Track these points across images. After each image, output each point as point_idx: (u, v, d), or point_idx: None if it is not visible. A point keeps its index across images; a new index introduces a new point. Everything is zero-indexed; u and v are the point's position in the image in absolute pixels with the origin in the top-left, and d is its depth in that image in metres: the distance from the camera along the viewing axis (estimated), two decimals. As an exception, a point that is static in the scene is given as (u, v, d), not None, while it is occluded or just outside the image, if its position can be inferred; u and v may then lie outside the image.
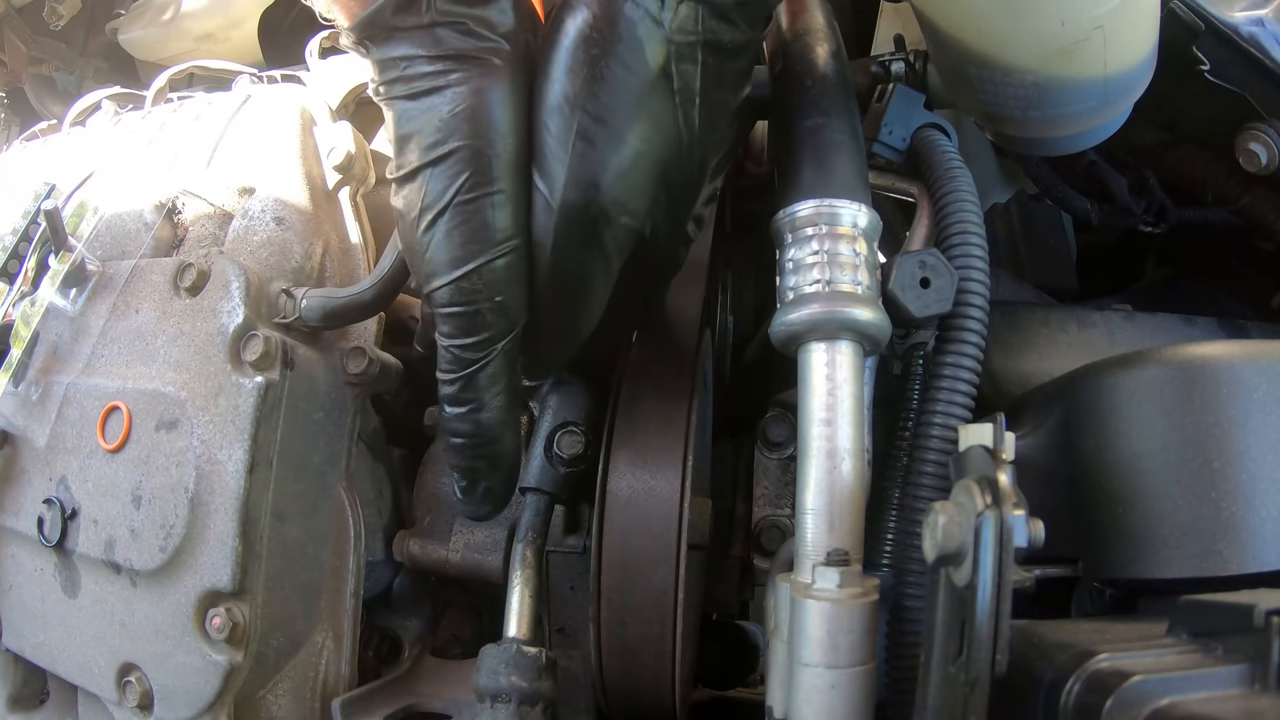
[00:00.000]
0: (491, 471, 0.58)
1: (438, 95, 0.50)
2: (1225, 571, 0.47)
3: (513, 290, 0.52)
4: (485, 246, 0.50)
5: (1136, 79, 0.67)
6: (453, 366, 0.53)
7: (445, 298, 0.51)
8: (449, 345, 0.52)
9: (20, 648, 0.76)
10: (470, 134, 0.50)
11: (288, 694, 0.69)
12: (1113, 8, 0.57)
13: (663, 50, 0.50)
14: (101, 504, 0.68)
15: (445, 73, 0.50)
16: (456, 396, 0.54)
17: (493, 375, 0.53)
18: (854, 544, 0.52)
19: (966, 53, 0.63)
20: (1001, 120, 0.70)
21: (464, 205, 0.50)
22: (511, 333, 0.53)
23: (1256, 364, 0.49)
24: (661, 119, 0.52)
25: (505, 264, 0.51)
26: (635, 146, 0.51)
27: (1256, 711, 0.35)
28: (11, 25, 1.52)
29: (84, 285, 0.76)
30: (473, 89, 0.50)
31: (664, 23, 0.50)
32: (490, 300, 0.51)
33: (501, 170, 0.50)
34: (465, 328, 0.52)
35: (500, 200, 0.50)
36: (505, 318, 0.52)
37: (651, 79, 0.51)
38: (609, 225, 0.52)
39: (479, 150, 0.50)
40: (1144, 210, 1.01)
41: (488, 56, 0.50)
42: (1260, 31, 0.72)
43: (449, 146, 0.50)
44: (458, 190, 0.50)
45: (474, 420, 0.55)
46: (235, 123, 0.83)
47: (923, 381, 0.60)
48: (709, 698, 1.00)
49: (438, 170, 0.50)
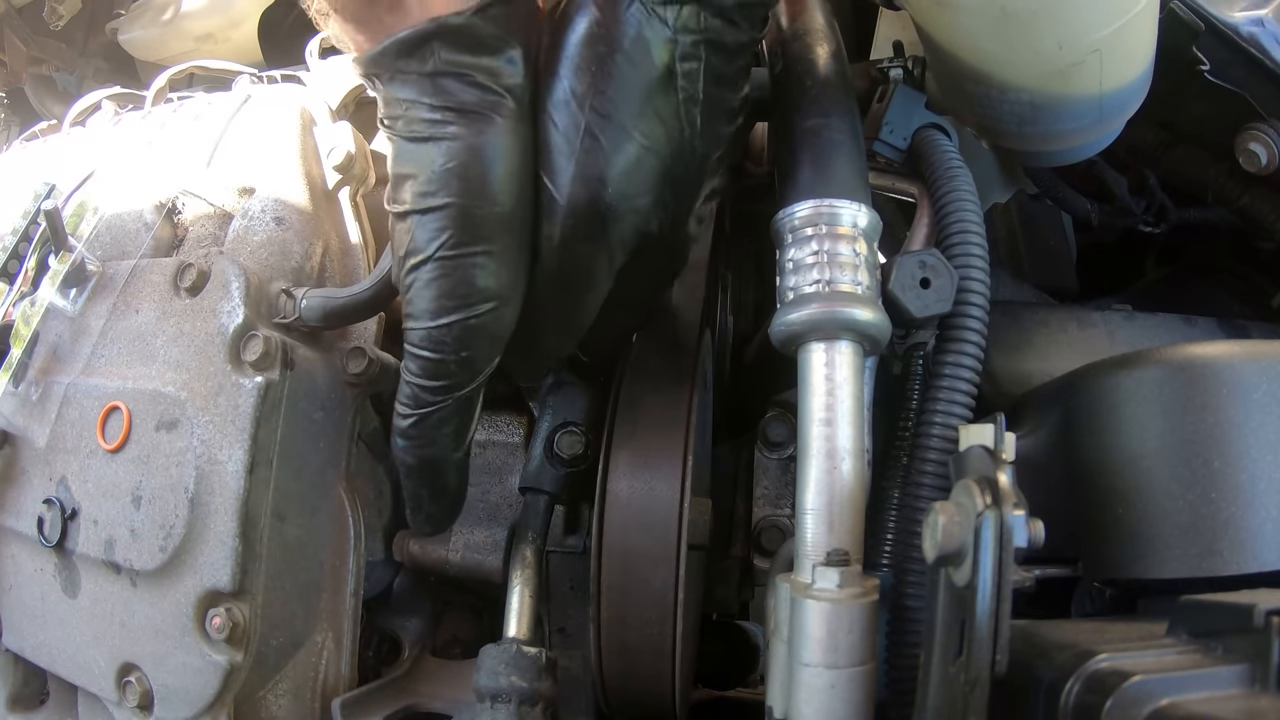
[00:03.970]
0: (434, 501, 0.61)
1: (433, 145, 0.50)
2: (1225, 571, 0.47)
3: (481, 348, 0.53)
4: (461, 304, 0.51)
5: (1131, 97, 0.68)
6: (410, 403, 0.55)
7: (416, 340, 0.53)
8: (411, 382, 0.54)
9: (20, 648, 0.75)
10: (460, 191, 0.50)
11: (288, 694, 0.68)
12: (1110, 32, 0.58)
13: (667, 49, 0.51)
14: (101, 504, 0.68)
15: (443, 124, 0.50)
16: (407, 431, 0.55)
17: (445, 418, 0.55)
18: (854, 544, 0.52)
19: (964, 69, 0.64)
20: (997, 134, 0.70)
21: (445, 261, 0.50)
22: (470, 384, 0.54)
23: (1256, 364, 0.49)
24: (666, 116, 0.52)
25: (479, 324, 0.52)
26: (640, 143, 0.51)
27: (1256, 711, 0.35)
28: (11, 25, 1.53)
29: (84, 285, 0.76)
30: (467, 145, 0.50)
31: (668, 22, 0.50)
32: (457, 355, 0.52)
33: (489, 230, 0.50)
34: (430, 372, 0.53)
35: (483, 261, 0.51)
36: (469, 371, 0.53)
37: (657, 77, 0.51)
38: (616, 222, 0.52)
39: (466, 209, 0.50)
40: (1144, 210, 1.01)
41: (488, 112, 0.50)
42: (1260, 31, 0.72)
43: (438, 201, 0.50)
44: (441, 245, 0.50)
45: (420, 455, 0.56)
46: (235, 123, 0.83)
47: (923, 381, 0.60)
48: (709, 698, 1.00)
49: (425, 220, 0.50)
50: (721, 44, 0.52)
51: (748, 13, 0.52)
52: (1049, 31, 0.58)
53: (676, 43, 0.51)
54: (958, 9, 0.59)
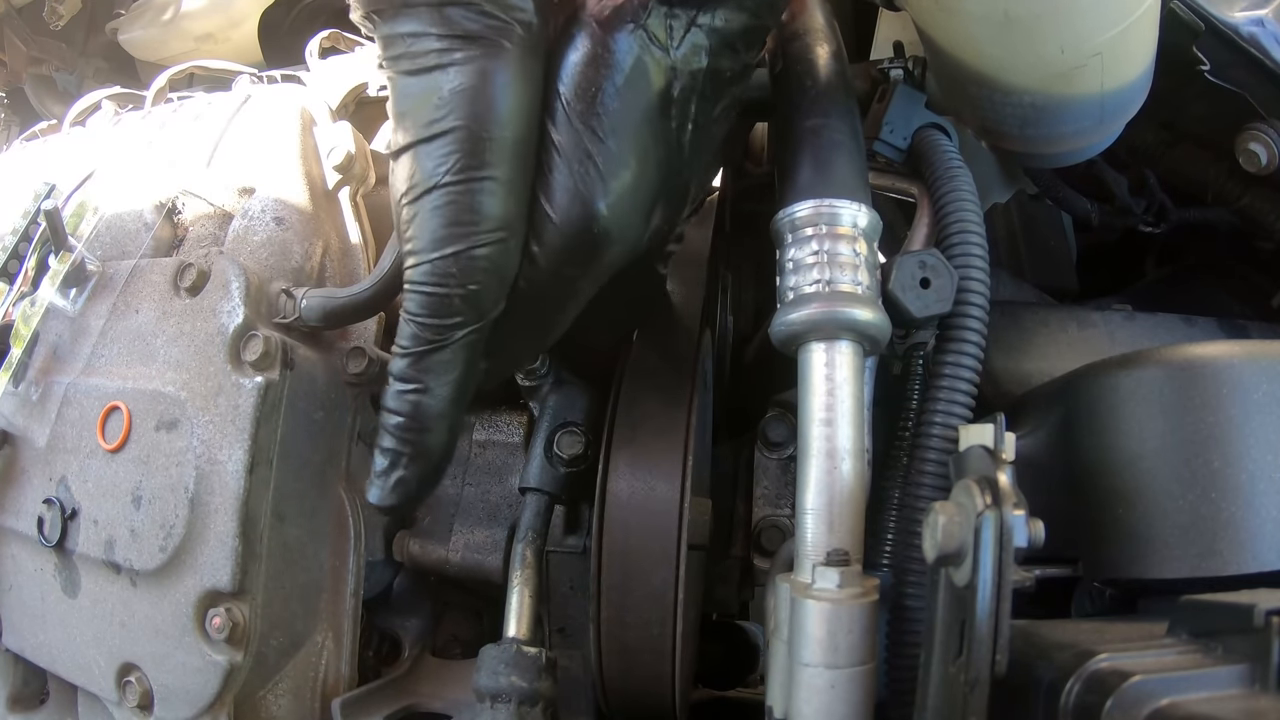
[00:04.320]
0: (411, 463, 0.54)
1: (440, 73, 0.49)
2: (1225, 571, 0.47)
3: (489, 282, 0.50)
4: (468, 231, 0.49)
5: (1132, 98, 0.68)
6: (409, 343, 0.51)
7: (419, 275, 0.50)
8: (411, 320, 0.51)
9: (20, 648, 0.75)
10: (468, 115, 0.48)
11: (288, 694, 0.68)
12: (1112, 35, 0.58)
13: (665, 76, 0.51)
14: (101, 504, 0.68)
15: (450, 50, 0.48)
16: (404, 372, 0.52)
17: (446, 362, 0.51)
18: (854, 544, 0.52)
19: (965, 72, 0.64)
20: (999, 135, 0.70)
21: (452, 186, 0.49)
22: (477, 324, 0.51)
23: (1256, 364, 0.48)
24: (661, 142, 0.52)
25: (486, 254, 0.49)
26: (635, 169, 0.51)
27: (1256, 711, 0.35)
28: (11, 25, 1.53)
29: (84, 285, 0.76)
30: (476, 69, 0.48)
31: (669, 50, 0.50)
32: (463, 287, 0.50)
33: (497, 156, 0.49)
34: (432, 308, 0.50)
35: (491, 187, 0.49)
36: (475, 308, 0.51)
37: (654, 104, 0.51)
38: (608, 246, 0.52)
39: (474, 132, 0.49)
40: (1144, 210, 1.01)
41: (497, 38, 0.49)
42: (1260, 31, 0.72)
43: (444, 125, 0.48)
44: (448, 170, 0.48)
45: (413, 402, 0.52)
46: (235, 123, 0.83)
47: (923, 381, 0.60)
48: (709, 698, 1.00)
49: (430, 148, 0.49)
50: (719, 72, 0.52)
51: (748, 38, 0.52)
52: (1051, 35, 0.58)
53: (675, 71, 0.51)
54: (960, 13, 0.59)
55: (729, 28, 0.51)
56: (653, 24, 0.50)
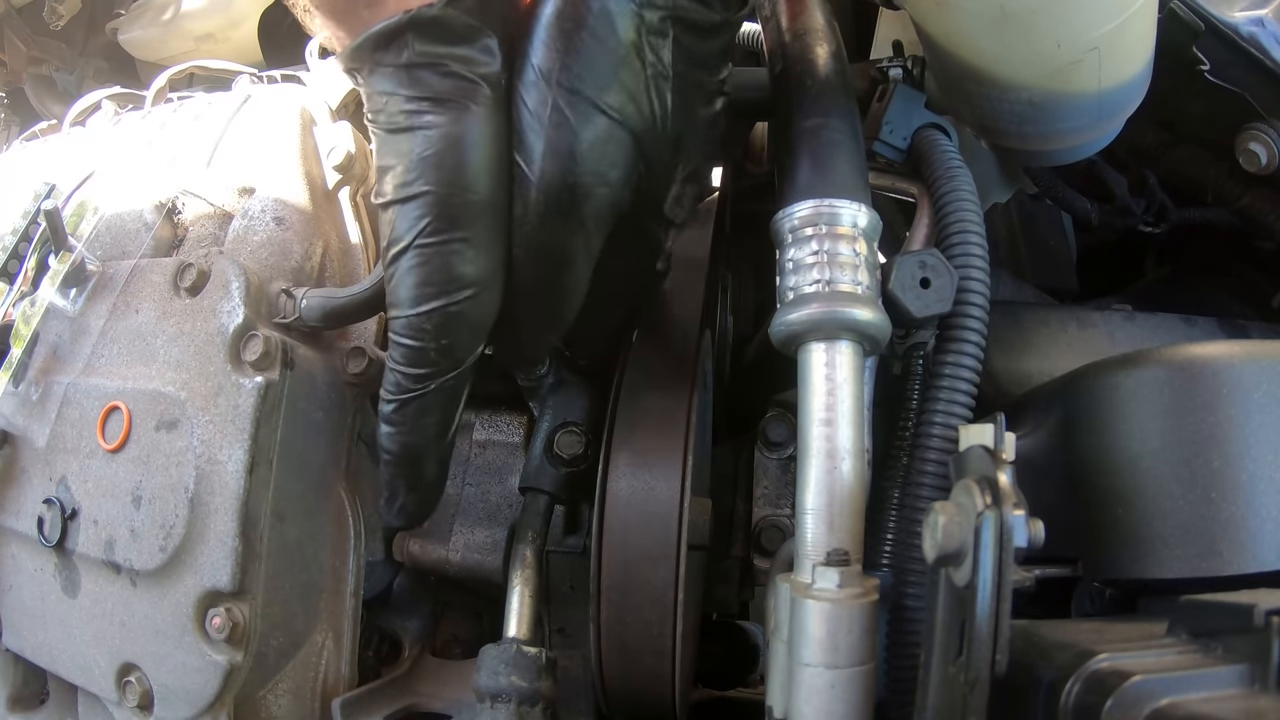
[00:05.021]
0: (410, 492, 0.60)
1: (410, 135, 0.50)
2: (1225, 571, 0.47)
3: (461, 336, 0.53)
4: (440, 291, 0.51)
5: (1130, 95, 0.68)
6: (393, 390, 0.55)
7: (398, 328, 0.53)
8: (394, 369, 0.55)
9: (20, 648, 0.75)
10: (437, 180, 0.50)
11: (288, 694, 0.69)
12: (1109, 30, 0.58)
13: (633, 23, 0.51)
14: (101, 504, 0.68)
15: (420, 113, 0.50)
16: (390, 417, 0.56)
17: (427, 406, 0.55)
18: (854, 544, 0.52)
19: (963, 68, 0.64)
20: (997, 133, 0.70)
21: (424, 248, 0.51)
22: (452, 372, 0.54)
23: (1256, 364, 0.48)
24: (634, 91, 0.52)
25: (459, 311, 0.52)
26: (609, 117, 0.52)
27: (1256, 711, 0.35)
28: (11, 25, 1.53)
29: (84, 285, 0.76)
30: (443, 134, 0.50)
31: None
32: (437, 341, 0.53)
33: (467, 217, 0.51)
34: (412, 359, 0.54)
35: (460, 248, 0.51)
36: (450, 358, 0.54)
37: (623, 52, 0.51)
38: (587, 197, 0.53)
39: (443, 197, 0.50)
40: (1144, 210, 1.01)
41: (464, 100, 0.50)
42: (1260, 31, 0.72)
43: (416, 189, 0.50)
44: (420, 233, 0.51)
45: (400, 442, 0.57)
46: (235, 123, 0.83)
47: (923, 381, 0.60)
48: (709, 698, 1.00)
49: (405, 209, 0.51)
50: (691, 22, 0.53)
51: None
52: (1048, 30, 0.58)
53: (642, 18, 0.51)
54: (957, 9, 0.59)
55: None
56: None
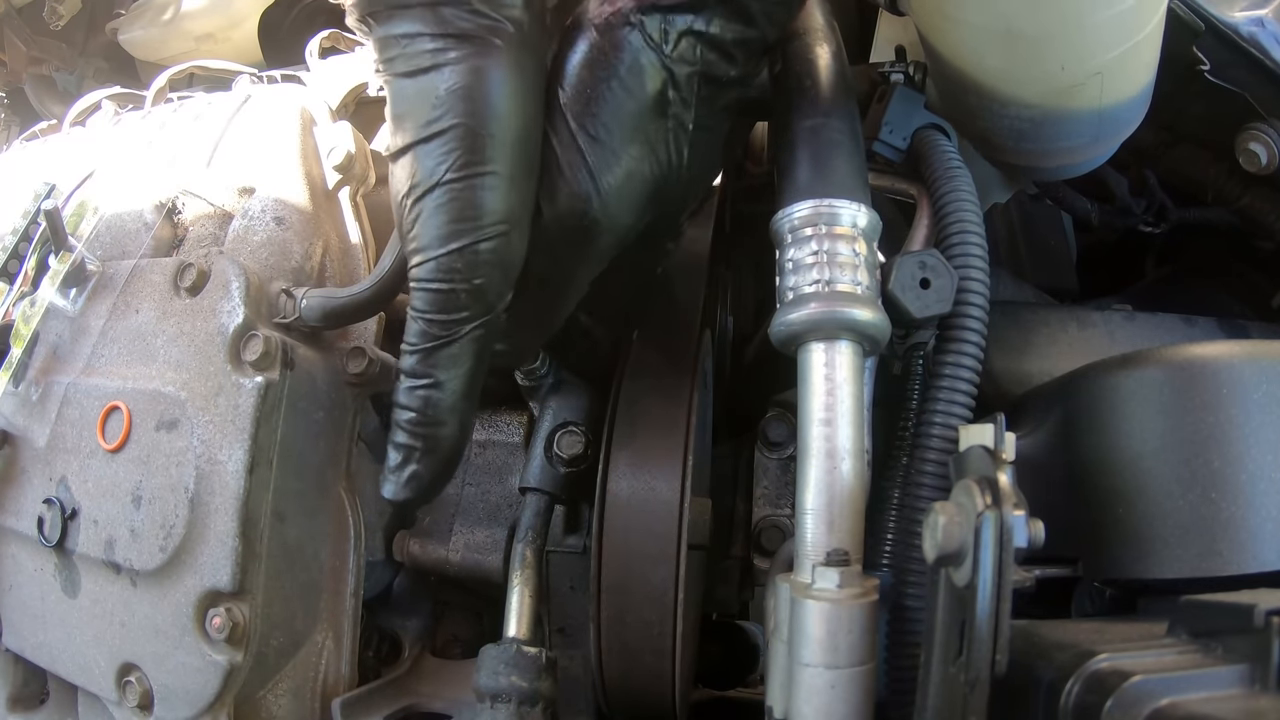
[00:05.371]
0: (425, 456, 0.55)
1: (435, 73, 0.49)
2: (1225, 571, 0.47)
3: (494, 276, 0.51)
4: (472, 227, 0.50)
5: (1130, 117, 0.68)
6: (417, 340, 0.52)
7: (425, 273, 0.51)
8: (418, 317, 0.52)
9: (20, 648, 0.75)
10: (465, 112, 0.49)
11: (288, 694, 0.69)
12: (1114, 55, 0.58)
13: (660, 78, 0.53)
14: (101, 504, 0.68)
15: (444, 50, 0.49)
16: (414, 369, 0.52)
17: (455, 356, 0.52)
18: (854, 544, 0.52)
19: (965, 82, 0.64)
20: (994, 147, 0.70)
21: (453, 183, 0.49)
22: (484, 318, 0.52)
23: (1256, 364, 0.49)
24: (655, 143, 0.54)
25: (490, 248, 0.50)
26: (628, 166, 0.53)
27: (1256, 711, 0.35)
28: (11, 25, 1.53)
29: (84, 285, 0.76)
30: (471, 67, 0.49)
31: (665, 52, 0.53)
32: (469, 282, 0.50)
33: (496, 151, 0.50)
34: (439, 305, 0.51)
35: (492, 181, 0.50)
36: (481, 302, 0.51)
37: (648, 105, 0.53)
38: (599, 236, 0.54)
39: (472, 129, 0.49)
40: (1144, 210, 1.01)
41: (489, 36, 0.50)
42: (1260, 31, 0.72)
43: (442, 124, 0.49)
44: (449, 168, 0.49)
45: (424, 397, 0.53)
46: (235, 123, 0.83)
47: (923, 381, 0.60)
48: (709, 698, 1.00)
49: (430, 147, 0.50)
50: (715, 77, 0.54)
51: (744, 47, 0.55)
52: (1053, 52, 0.58)
53: (671, 74, 0.53)
54: (963, 23, 0.59)
55: (723, 35, 0.53)
56: (649, 27, 0.52)
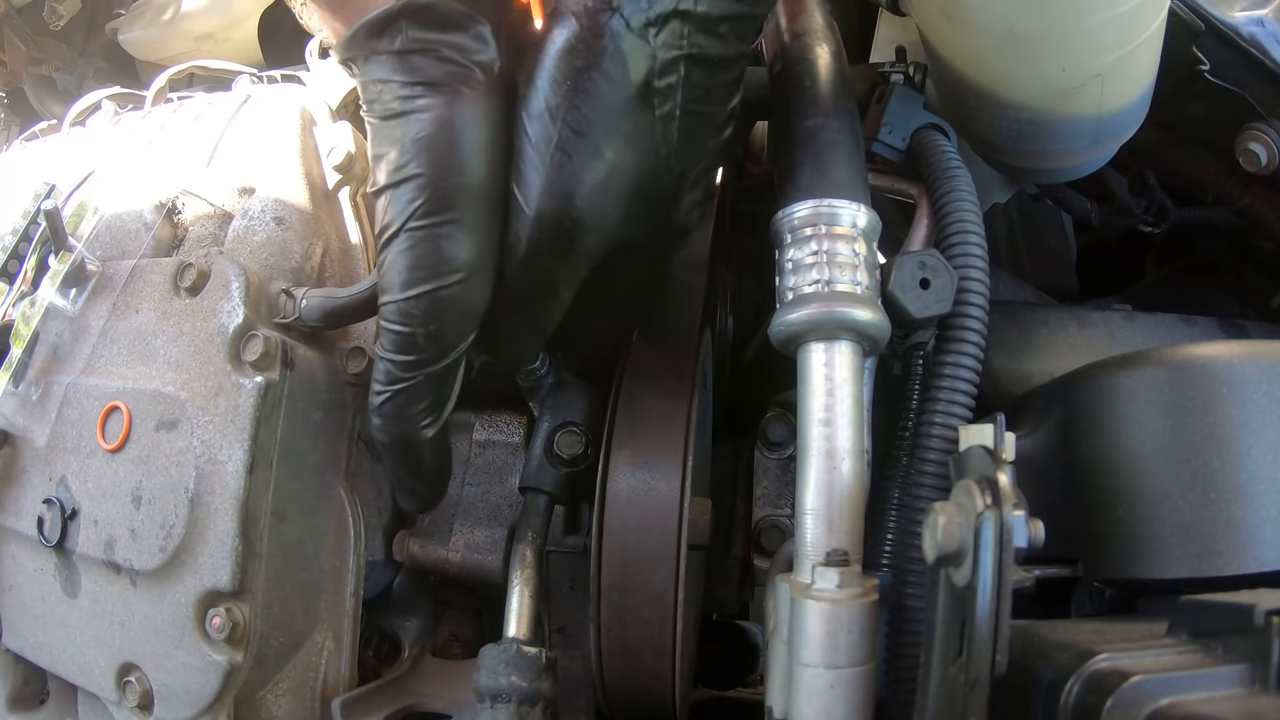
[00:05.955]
0: (413, 478, 0.61)
1: (405, 120, 0.50)
2: (1225, 571, 0.47)
3: (450, 322, 0.53)
4: (430, 275, 0.51)
5: (1128, 121, 0.68)
6: (383, 379, 0.55)
7: (388, 314, 0.53)
8: (384, 357, 0.54)
9: (20, 648, 0.75)
10: (429, 163, 0.50)
11: (288, 694, 0.69)
12: (1115, 59, 0.58)
13: (645, 65, 0.51)
14: (101, 504, 0.68)
15: (413, 98, 0.50)
16: (380, 408, 0.55)
17: (417, 395, 0.55)
18: (853, 544, 0.52)
19: (965, 83, 0.64)
20: (993, 148, 0.70)
21: (415, 231, 0.51)
22: (441, 361, 0.54)
23: (1256, 364, 0.49)
24: (641, 134, 0.52)
25: (449, 295, 0.52)
26: (611, 160, 0.52)
27: (1256, 711, 0.35)
28: (11, 25, 1.53)
29: (84, 285, 0.76)
30: (436, 117, 0.50)
31: (649, 38, 0.50)
32: (425, 327, 0.52)
33: (460, 200, 0.51)
34: (400, 346, 0.53)
35: (451, 231, 0.51)
36: (438, 345, 0.53)
37: (633, 94, 0.51)
38: (582, 236, 0.53)
39: (435, 180, 0.50)
40: (1144, 210, 1.01)
41: (457, 85, 0.50)
42: (1260, 31, 0.72)
43: (408, 172, 0.51)
44: (411, 215, 0.51)
45: (393, 434, 0.56)
46: (235, 123, 0.83)
47: (923, 382, 0.60)
48: (709, 698, 1.00)
49: (398, 193, 0.51)
50: (705, 58, 0.51)
51: (735, 26, 0.51)
52: (1054, 54, 0.58)
53: (655, 59, 0.50)
54: (965, 24, 0.59)
55: (711, 13, 0.50)
56: (629, 12, 0.50)
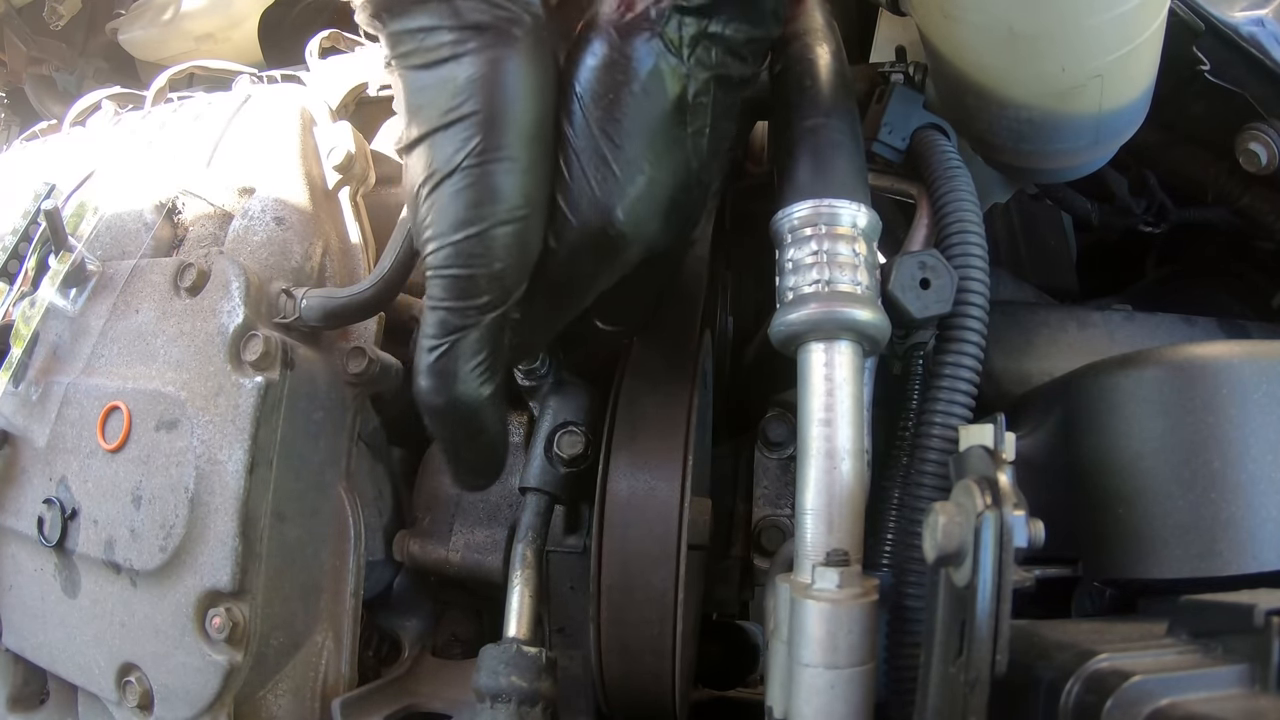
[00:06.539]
0: (470, 443, 0.56)
1: (455, 63, 0.50)
2: (1225, 571, 0.47)
3: (512, 261, 0.51)
4: (491, 211, 0.49)
5: (1128, 121, 0.68)
6: (437, 331, 0.51)
7: (442, 260, 0.50)
8: (437, 307, 0.51)
9: (20, 648, 0.75)
10: (485, 100, 0.49)
11: (288, 694, 0.69)
12: (1114, 59, 0.58)
13: (680, 83, 0.52)
14: (101, 504, 0.68)
15: (463, 41, 0.50)
16: (433, 365, 0.52)
17: (475, 345, 0.51)
18: (853, 544, 0.52)
19: (965, 82, 0.64)
20: (993, 148, 0.70)
21: (473, 169, 0.49)
22: (502, 305, 0.51)
23: (1256, 364, 0.49)
24: (675, 148, 0.54)
25: (510, 232, 0.50)
26: (650, 174, 0.53)
27: (1256, 711, 0.35)
28: (11, 25, 1.53)
29: (84, 285, 0.76)
30: (489, 58, 0.50)
31: (684, 58, 0.52)
32: (488, 267, 0.50)
33: (514, 138, 0.50)
34: (458, 291, 0.50)
35: (510, 167, 0.50)
36: (500, 288, 0.51)
37: (669, 110, 0.52)
38: (626, 247, 0.54)
39: (492, 116, 0.50)
40: (1144, 210, 1.01)
41: (507, 27, 0.50)
42: (1260, 31, 0.72)
43: (462, 111, 0.49)
44: (468, 154, 0.49)
45: (450, 395, 0.52)
46: (235, 123, 0.83)
47: (923, 382, 0.60)
48: (709, 698, 1.00)
49: (448, 134, 0.50)
50: (729, 78, 0.54)
51: (754, 48, 0.54)
52: (1054, 54, 0.58)
53: (690, 78, 0.52)
54: (965, 23, 0.59)
55: (736, 36, 0.53)
56: (668, 31, 0.52)
